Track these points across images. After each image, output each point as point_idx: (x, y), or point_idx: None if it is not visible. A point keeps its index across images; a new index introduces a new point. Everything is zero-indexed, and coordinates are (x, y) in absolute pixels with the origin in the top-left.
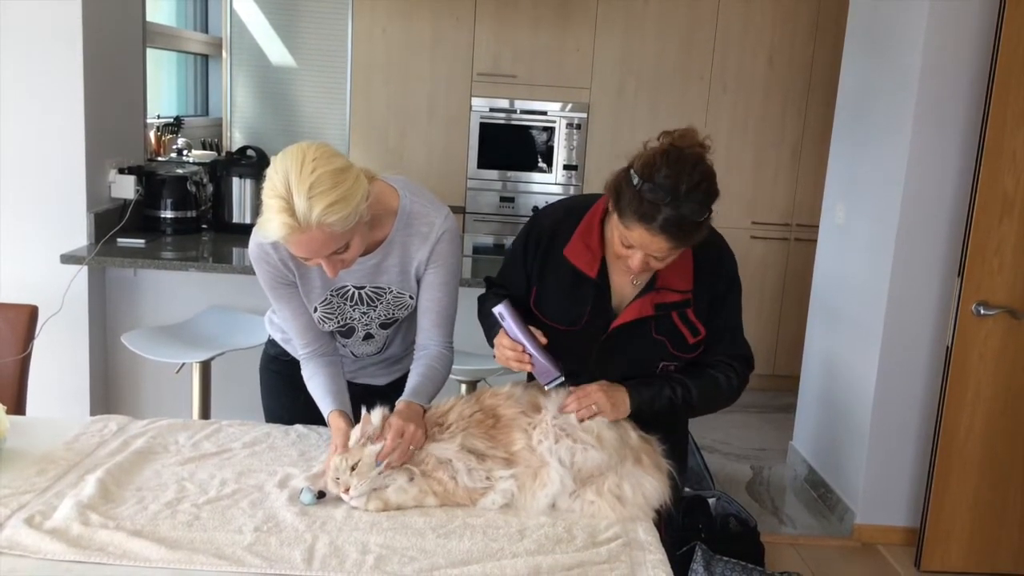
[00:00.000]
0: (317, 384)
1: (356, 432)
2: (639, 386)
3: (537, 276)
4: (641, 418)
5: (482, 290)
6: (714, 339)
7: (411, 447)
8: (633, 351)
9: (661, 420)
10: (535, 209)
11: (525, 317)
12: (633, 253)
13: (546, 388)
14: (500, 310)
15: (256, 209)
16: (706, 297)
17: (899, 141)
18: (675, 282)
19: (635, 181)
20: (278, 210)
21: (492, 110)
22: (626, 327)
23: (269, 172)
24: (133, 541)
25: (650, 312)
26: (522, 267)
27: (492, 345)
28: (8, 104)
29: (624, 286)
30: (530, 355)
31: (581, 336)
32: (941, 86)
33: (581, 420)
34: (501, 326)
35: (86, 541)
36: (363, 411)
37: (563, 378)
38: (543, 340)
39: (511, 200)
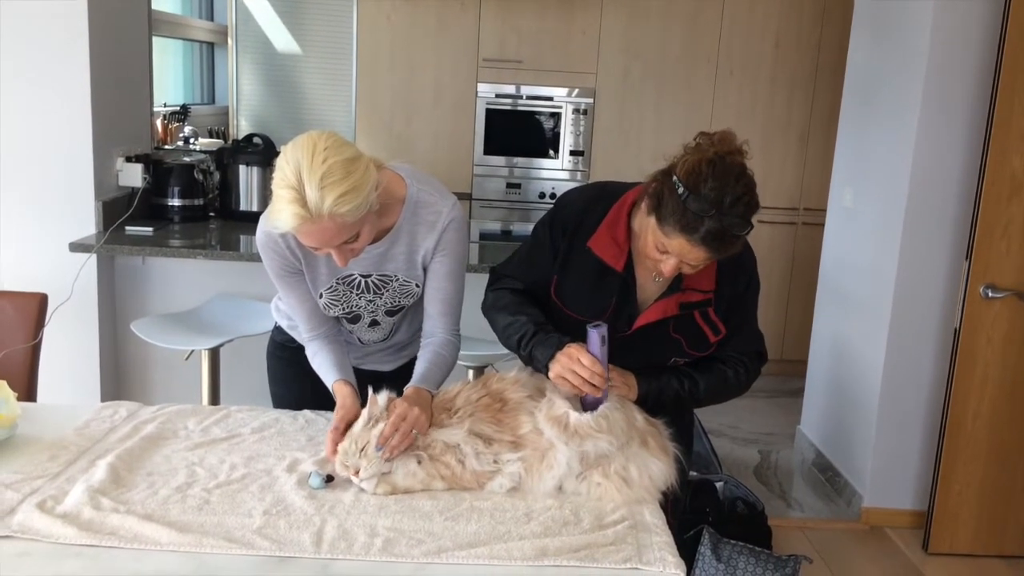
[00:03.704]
0: (321, 360)
1: (364, 414)
2: (648, 377)
3: (561, 264)
4: (647, 402)
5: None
6: (729, 335)
7: (413, 431)
8: (649, 348)
9: (668, 405)
10: (556, 196)
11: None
12: (667, 259)
13: (589, 414)
14: (604, 332)
15: (263, 197)
16: (727, 295)
17: (907, 123)
18: (700, 282)
19: (680, 190)
20: (289, 200)
21: (498, 96)
22: (647, 325)
23: (279, 162)
24: (144, 525)
25: (675, 312)
26: (550, 254)
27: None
28: (15, 93)
29: (648, 281)
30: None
31: None
32: (949, 68)
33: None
34: (557, 341)
35: (97, 525)
36: (370, 392)
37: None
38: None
39: (517, 186)
